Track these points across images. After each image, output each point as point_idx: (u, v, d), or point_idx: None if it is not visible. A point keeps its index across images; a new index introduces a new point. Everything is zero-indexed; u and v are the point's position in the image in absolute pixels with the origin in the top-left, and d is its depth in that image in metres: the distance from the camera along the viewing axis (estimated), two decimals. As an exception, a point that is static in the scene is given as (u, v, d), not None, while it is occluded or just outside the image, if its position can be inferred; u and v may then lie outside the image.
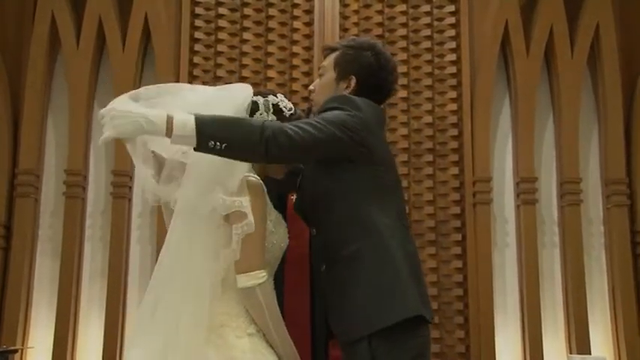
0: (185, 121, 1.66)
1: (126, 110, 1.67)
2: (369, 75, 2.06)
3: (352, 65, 2.06)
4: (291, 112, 1.98)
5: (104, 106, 3.73)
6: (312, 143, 1.80)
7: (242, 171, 1.83)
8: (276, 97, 1.98)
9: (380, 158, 1.98)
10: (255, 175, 1.86)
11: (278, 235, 1.91)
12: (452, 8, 3.82)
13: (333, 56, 2.11)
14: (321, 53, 3.70)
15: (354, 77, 2.05)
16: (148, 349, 1.75)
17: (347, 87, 2.06)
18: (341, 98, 1.98)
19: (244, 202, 1.78)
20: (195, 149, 1.70)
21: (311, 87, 2.18)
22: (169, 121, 1.65)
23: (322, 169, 1.97)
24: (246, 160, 1.82)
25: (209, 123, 1.69)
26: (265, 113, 1.93)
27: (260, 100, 1.95)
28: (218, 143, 1.68)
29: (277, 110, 1.95)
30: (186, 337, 1.71)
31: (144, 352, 1.76)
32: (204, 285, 1.75)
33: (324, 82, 2.11)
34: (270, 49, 3.82)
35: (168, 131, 1.66)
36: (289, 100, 2.03)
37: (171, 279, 1.78)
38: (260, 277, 1.77)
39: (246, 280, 1.76)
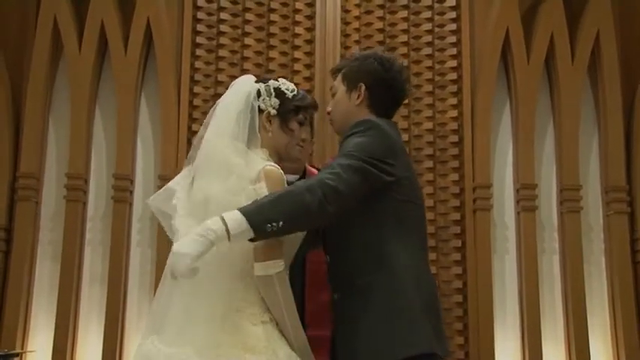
0: (236, 219, 1.69)
1: (189, 241, 1.69)
2: (377, 79, 2.07)
3: (359, 74, 2.08)
4: (294, 92, 2.02)
5: (106, 110, 3.76)
6: (356, 187, 1.83)
7: (261, 162, 1.87)
8: (277, 82, 2.02)
9: (407, 189, 1.97)
10: (275, 164, 1.90)
11: None
12: (453, 15, 3.84)
13: (340, 74, 2.14)
14: (322, 60, 3.77)
15: (362, 84, 2.06)
16: (164, 335, 1.79)
17: (358, 96, 2.07)
18: (366, 123, 1.98)
19: (263, 189, 1.81)
20: (254, 239, 1.73)
21: (328, 108, 2.18)
22: (225, 224, 1.68)
23: None
24: (307, 228, 1.84)
25: (256, 210, 1.72)
26: (267, 98, 1.98)
27: (261, 86, 2.00)
28: (274, 223, 1.70)
29: (279, 93, 2.00)
30: (202, 323, 1.74)
31: (159, 337, 1.80)
32: (220, 272, 1.78)
33: (337, 99, 2.12)
34: (272, 54, 3.83)
35: (228, 235, 1.69)
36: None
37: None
38: (278, 266, 1.79)
39: (263, 269, 1.78)
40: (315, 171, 2.72)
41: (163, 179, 3.60)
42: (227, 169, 1.83)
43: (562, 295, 3.66)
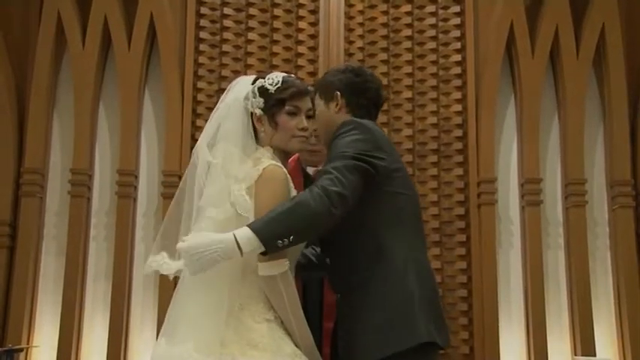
0: (247, 237, 1.72)
1: (198, 247, 1.73)
2: (350, 84, 2.12)
3: (332, 85, 2.13)
4: (277, 85, 1.97)
5: (110, 106, 3.76)
6: (356, 185, 1.86)
7: (265, 162, 1.87)
8: (263, 79, 2.00)
9: (398, 181, 1.99)
10: (277, 164, 1.90)
11: None
12: (457, 9, 3.82)
13: (316, 93, 2.19)
14: (325, 55, 3.78)
15: (338, 92, 2.11)
16: (172, 335, 1.80)
17: (337, 104, 2.11)
18: (349, 123, 2.01)
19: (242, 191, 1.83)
20: (265, 253, 1.76)
21: (313, 127, 2.16)
22: (237, 241, 1.72)
23: None
24: (317, 236, 1.89)
25: (266, 226, 1.74)
26: (253, 99, 1.97)
27: (250, 88, 1.99)
28: (285, 239, 1.74)
29: (262, 91, 1.98)
30: (206, 321, 1.75)
31: (166, 339, 1.81)
32: (223, 270, 1.78)
33: (317, 114, 2.14)
34: (275, 49, 3.82)
35: (241, 251, 1.73)
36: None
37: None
38: (282, 265, 1.79)
39: (267, 268, 1.78)
40: None
41: (167, 174, 3.61)
42: (228, 179, 1.86)
43: (567, 290, 3.65)
